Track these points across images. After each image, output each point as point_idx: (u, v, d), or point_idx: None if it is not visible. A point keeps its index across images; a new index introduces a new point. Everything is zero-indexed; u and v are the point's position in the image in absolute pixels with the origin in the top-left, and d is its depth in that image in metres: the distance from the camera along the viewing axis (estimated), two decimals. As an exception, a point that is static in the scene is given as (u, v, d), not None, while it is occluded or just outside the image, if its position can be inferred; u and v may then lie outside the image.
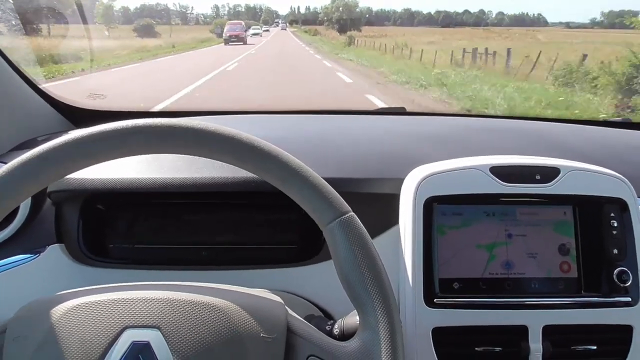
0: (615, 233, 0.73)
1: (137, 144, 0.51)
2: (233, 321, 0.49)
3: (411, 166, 0.78)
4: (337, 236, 0.51)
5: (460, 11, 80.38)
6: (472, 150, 0.83)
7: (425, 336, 0.69)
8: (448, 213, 0.73)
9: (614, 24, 43.08)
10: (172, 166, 0.80)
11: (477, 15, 76.32)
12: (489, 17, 76.87)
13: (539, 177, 0.73)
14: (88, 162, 0.51)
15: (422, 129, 1.08)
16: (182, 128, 0.51)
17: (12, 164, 0.49)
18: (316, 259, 0.78)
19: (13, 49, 1.10)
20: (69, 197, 0.80)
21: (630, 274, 0.71)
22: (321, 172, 0.56)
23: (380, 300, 0.50)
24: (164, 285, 0.52)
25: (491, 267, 0.73)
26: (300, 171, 0.52)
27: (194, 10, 53.40)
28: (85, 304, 0.49)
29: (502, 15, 76.99)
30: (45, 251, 0.79)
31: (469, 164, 0.74)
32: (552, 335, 0.70)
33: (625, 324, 0.71)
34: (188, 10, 51.71)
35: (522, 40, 25.50)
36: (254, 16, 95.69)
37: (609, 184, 0.74)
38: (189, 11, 50.51)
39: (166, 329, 0.47)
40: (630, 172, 0.77)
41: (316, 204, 0.52)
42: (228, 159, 0.52)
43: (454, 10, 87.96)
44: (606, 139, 1.09)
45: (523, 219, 0.74)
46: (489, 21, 73.44)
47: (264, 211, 0.84)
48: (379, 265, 0.51)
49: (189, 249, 0.83)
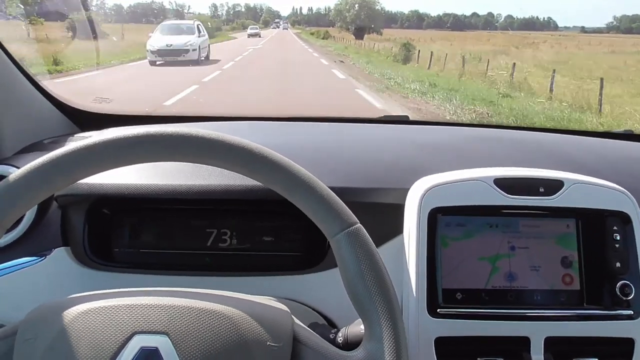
0: (618, 246, 0.73)
1: (148, 152, 0.52)
2: (241, 329, 0.49)
3: (415, 176, 0.79)
4: (344, 247, 0.52)
5: (468, 14, 79.76)
6: (475, 161, 0.84)
7: (428, 346, 0.69)
8: (452, 224, 0.74)
9: (631, 29, 42.41)
10: (179, 172, 0.81)
11: (486, 18, 75.87)
12: (497, 20, 76.51)
13: (543, 189, 0.73)
14: (99, 169, 0.52)
15: (425, 138, 1.09)
16: (192, 137, 0.52)
17: (26, 169, 0.50)
18: (320, 266, 0.79)
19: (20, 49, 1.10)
20: (75, 201, 0.81)
21: (632, 287, 0.71)
22: (326, 181, 0.56)
23: (386, 311, 0.51)
24: (174, 292, 0.53)
25: (494, 280, 0.73)
26: (308, 182, 0.53)
27: (190, 10, 51.77)
28: (95, 308, 0.49)
29: (512, 19, 76.51)
30: (51, 254, 0.79)
31: (473, 175, 0.75)
32: (554, 346, 0.70)
33: (627, 337, 0.71)
34: (185, 9, 49.99)
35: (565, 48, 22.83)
36: (254, 16, 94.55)
37: (612, 197, 0.74)
38: (186, 10, 48.76)
39: (175, 336, 0.47)
40: (633, 184, 0.78)
41: (323, 215, 0.52)
42: (237, 168, 0.53)
43: (462, 13, 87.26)
44: (609, 150, 1.09)
45: (526, 231, 0.74)
46: (498, 24, 73.04)
47: (268, 218, 0.85)
48: (386, 277, 0.52)
49: (193, 255, 0.84)
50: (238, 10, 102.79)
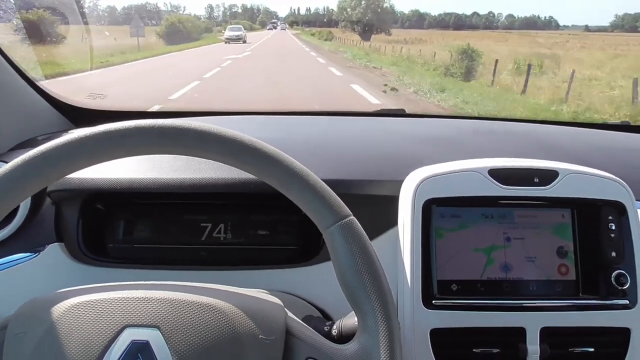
0: (613, 236, 0.73)
1: (139, 145, 0.52)
2: (232, 322, 0.49)
3: (410, 168, 0.78)
4: (337, 240, 0.52)
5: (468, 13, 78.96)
6: (471, 153, 0.84)
7: (424, 337, 0.69)
8: (446, 215, 0.73)
9: (636, 27, 41.68)
10: (172, 166, 0.80)
11: (487, 18, 75.24)
12: (498, 20, 75.94)
13: (538, 179, 0.73)
14: (90, 161, 0.51)
15: (421, 130, 1.08)
16: (184, 129, 0.51)
17: (15, 162, 0.49)
18: (315, 260, 0.78)
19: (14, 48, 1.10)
20: (68, 196, 0.80)
21: (628, 276, 0.71)
22: (320, 173, 0.56)
23: (379, 304, 0.50)
24: (164, 285, 0.52)
25: (489, 271, 0.73)
26: (301, 174, 0.52)
27: (186, 10, 50.48)
28: (85, 302, 0.49)
29: (513, 18, 75.79)
30: (45, 250, 0.79)
31: (467, 166, 0.74)
32: (550, 337, 0.70)
33: (623, 327, 0.71)
34: (180, 10, 48.48)
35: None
36: (251, 17, 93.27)
37: (607, 187, 0.74)
38: (182, 11, 47.27)
39: (166, 329, 0.47)
40: (628, 175, 0.77)
41: (317, 208, 0.52)
42: (230, 161, 0.52)
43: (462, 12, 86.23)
44: (604, 141, 1.09)
45: (521, 221, 0.74)
46: (499, 24, 72.50)
47: (263, 212, 0.84)
48: (379, 269, 0.52)
49: (188, 249, 0.84)
50: (235, 11, 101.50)
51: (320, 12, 68.32)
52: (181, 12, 48.84)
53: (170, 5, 48.19)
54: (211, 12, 73.19)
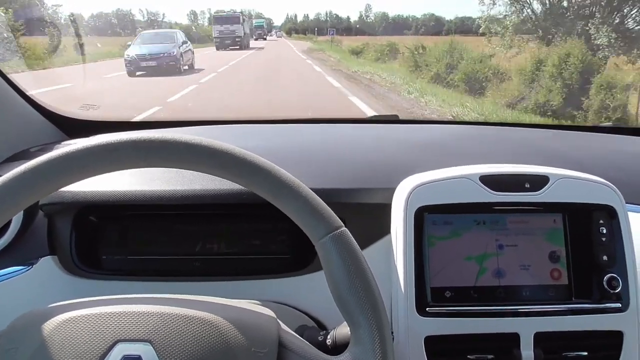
0: (605, 240, 0.73)
1: (130, 158, 0.52)
2: (225, 336, 0.49)
3: (402, 175, 0.79)
4: (329, 251, 0.52)
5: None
6: (463, 158, 0.84)
7: (418, 345, 0.69)
8: (439, 222, 0.74)
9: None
10: (164, 178, 0.80)
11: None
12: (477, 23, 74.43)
13: (529, 185, 0.74)
14: (82, 175, 0.51)
15: (413, 137, 1.09)
16: (175, 142, 0.52)
17: (7, 177, 0.49)
18: (309, 269, 0.79)
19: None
20: (61, 209, 0.80)
21: (620, 280, 0.72)
22: (312, 182, 0.56)
23: (371, 315, 0.50)
24: (156, 299, 0.52)
25: (482, 278, 0.73)
26: (292, 186, 0.52)
27: (165, 18, 46.81)
28: (77, 317, 0.49)
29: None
30: (38, 263, 0.78)
31: (459, 173, 0.75)
32: (544, 342, 0.70)
33: (616, 330, 0.71)
34: (158, 17, 45.18)
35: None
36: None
37: (597, 191, 0.74)
38: (160, 18, 43.98)
39: (158, 343, 0.47)
40: (618, 178, 0.78)
41: (308, 219, 0.52)
42: (220, 173, 0.53)
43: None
44: (596, 144, 1.10)
45: (513, 227, 0.74)
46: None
47: (256, 222, 0.84)
48: (371, 281, 0.52)
49: (181, 260, 0.83)
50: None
51: (322, 18, 64.56)
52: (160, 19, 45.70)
53: (147, 13, 45.20)
54: (194, 19, 68.73)
